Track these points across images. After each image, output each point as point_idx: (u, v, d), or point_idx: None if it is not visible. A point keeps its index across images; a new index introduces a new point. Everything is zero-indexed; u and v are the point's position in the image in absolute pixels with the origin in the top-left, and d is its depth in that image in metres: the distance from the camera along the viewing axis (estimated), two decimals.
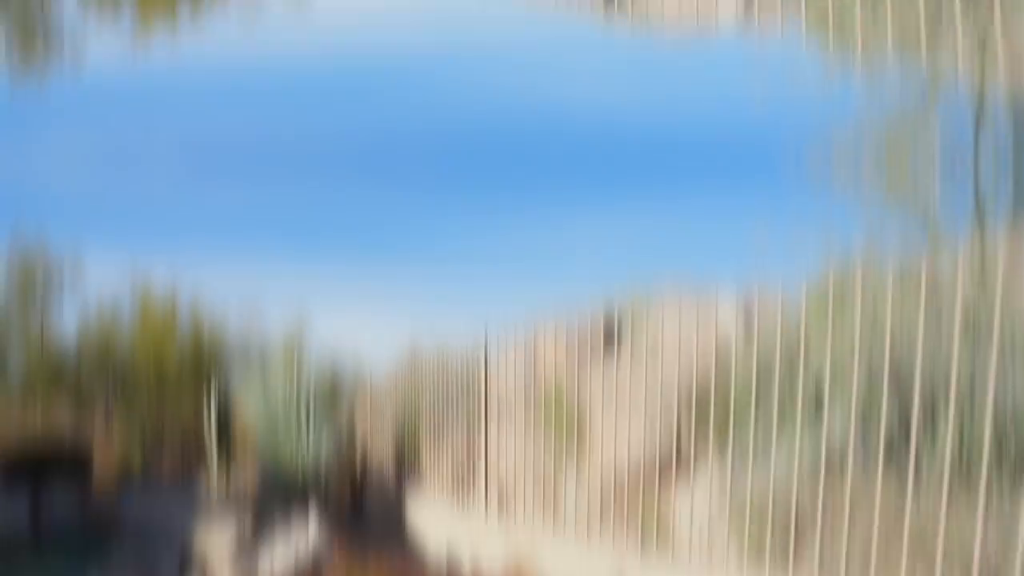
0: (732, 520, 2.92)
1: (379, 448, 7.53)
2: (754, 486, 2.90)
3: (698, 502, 3.19)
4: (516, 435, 4.99)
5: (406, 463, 6.53)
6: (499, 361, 5.54)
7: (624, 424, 4.15)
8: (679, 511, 3.27)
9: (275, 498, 5.19)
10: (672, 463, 3.33)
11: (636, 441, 4.11)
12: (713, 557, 2.91)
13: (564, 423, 4.33)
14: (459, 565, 4.61)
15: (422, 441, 6.03)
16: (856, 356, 2.45)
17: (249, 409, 5.54)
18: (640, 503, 3.49)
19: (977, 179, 4.15)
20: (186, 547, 3.62)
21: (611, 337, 5.76)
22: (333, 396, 5.93)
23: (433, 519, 5.37)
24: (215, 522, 4.07)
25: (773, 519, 2.67)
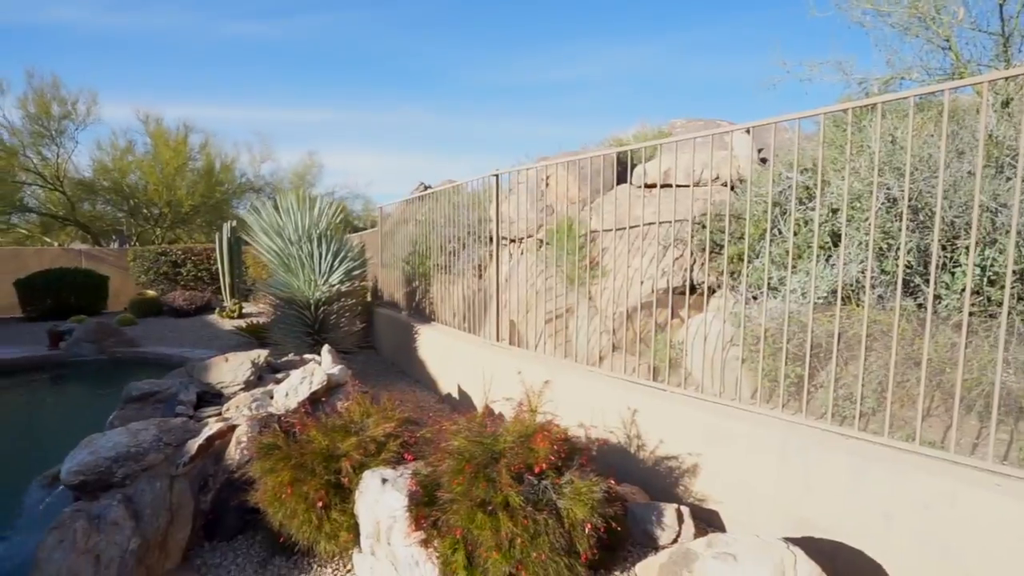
0: (745, 351, 3.16)
1: (389, 281, 7.69)
2: (768, 318, 3.09)
3: (711, 334, 3.43)
4: (528, 267, 5.11)
5: (416, 295, 6.70)
6: (511, 194, 5.45)
7: (636, 255, 4.23)
8: (691, 342, 3.53)
9: (289, 328, 5.36)
10: (685, 295, 3.49)
11: (648, 273, 4.25)
12: (725, 387, 3.22)
13: (576, 254, 4.43)
14: (467, 396, 4.99)
15: (433, 273, 6.13)
16: (874, 187, 2.40)
17: (263, 243, 5.43)
18: (652, 334, 3.75)
19: (1002, 4, 3.74)
20: (205, 373, 3.81)
21: (623, 169, 5.61)
22: (344, 230, 5.82)
23: (443, 349, 5.67)
24: (231, 350, 4.22)
25: (787, 351, 2.89)
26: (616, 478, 2.64)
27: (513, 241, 5.70)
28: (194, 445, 2.83)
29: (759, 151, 5.10)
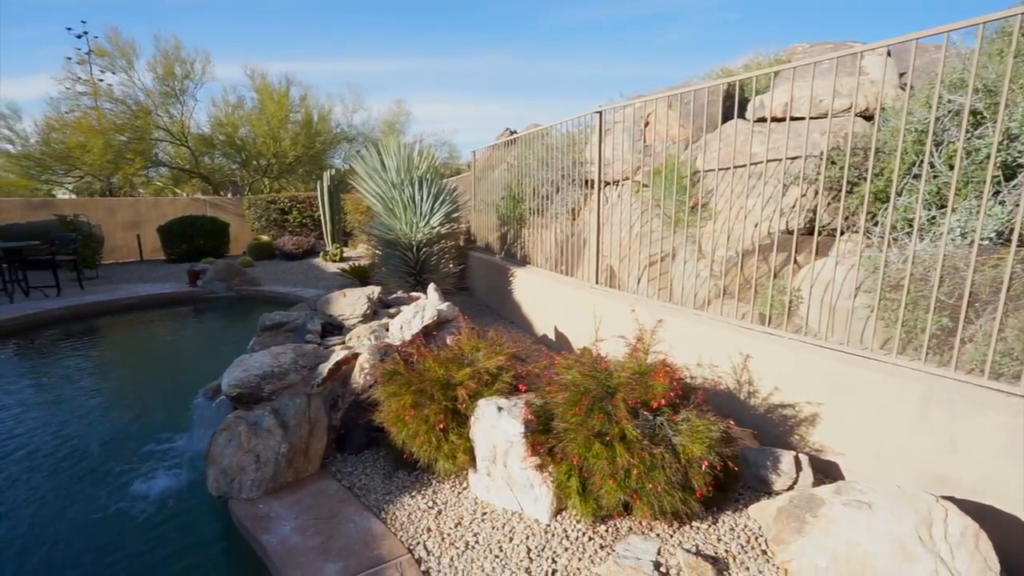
0: (878, 300, 2.88)
1: (482, 225, 7.82)
2: (912, 264, 2.77)
3: (833, 279, 3.15)
4: (626, 210, 4.95)
5: (509, 238, 6.77)
6: (607, 134, 5.25)
7: (749, 196, 3.93)
8: (810, 288, 3.28)
9: (392, 268, 5.63)
10: (801, 238, 3.19)
11: (764, 214, 3.95)
12: (850, 336, 2.99)
13: (680, 196, 4.21)
14: (563, 337, 5.01)
15: (526, 216, 6.14)
16: None
17: (368, 187, 5.70)
18: (767, 278, 3.52)
19: None
20: (327, 306, 4.11)
21: (734, 104, 5.16)
22: (442, 175, 5.95)
23: (538, 291, 5.71)
24: (337, 289, 4.51)
25: (934, 301, 2.59)
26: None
27: (609, 184, 5.52)
28: (325, 368, 3.13)
29: (900, 75, 4.45)
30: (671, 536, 2.30)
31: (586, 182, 5.52)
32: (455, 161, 21.26)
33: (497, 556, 2.26)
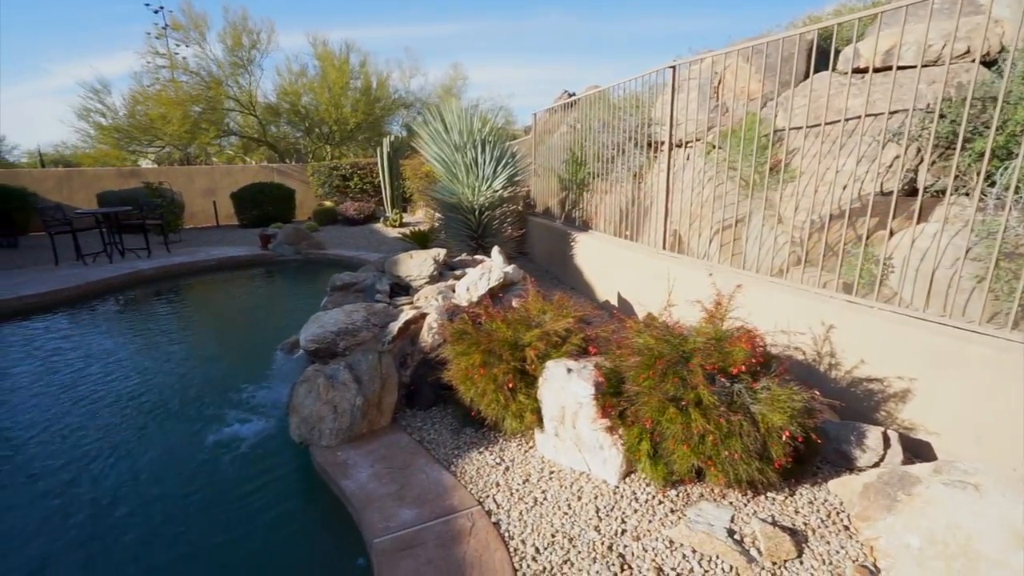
0: (993, 268, 2.59)
1: (542, 189, 7.70)
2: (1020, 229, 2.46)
3: (939, 246, 2.86)
4: (695, 173, 4.72)
5: (570, 203, 6.63)
6: (680, 93, 4.96)
7: (837, 156, 3.62)
8: (910, 254, 3.00)
9: (454, 232, 5.66)
10: (905, 199, 2.87)
11: (855, 173, 3.63)
12: (953, 308, 2.73)
13: (756, 157, 3.93)
14: (626, 303, 4.90)
15: (588, 180, 6.00)
16: None
17: (431, 151, 5.73)
18: (854, 244, 3.25)
19: None
20: (394, 267, 4.18)
21: (819, 56, 4.73)
22: (504, 137, 5.89)
23: (600, 256, 5.59)
24: (399, 253, 4.58)
25: None
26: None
27: (678, 145, 5.26)
28: (395, 327, 3.23)
29: None
30: (744, 505, 2.24)
31: (651, 144, 5.28)
32: (511, 126, 20.97)
33: (566, 513, 2.29)
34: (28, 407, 3.84)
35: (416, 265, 3.84)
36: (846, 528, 2.09)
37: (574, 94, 7.97)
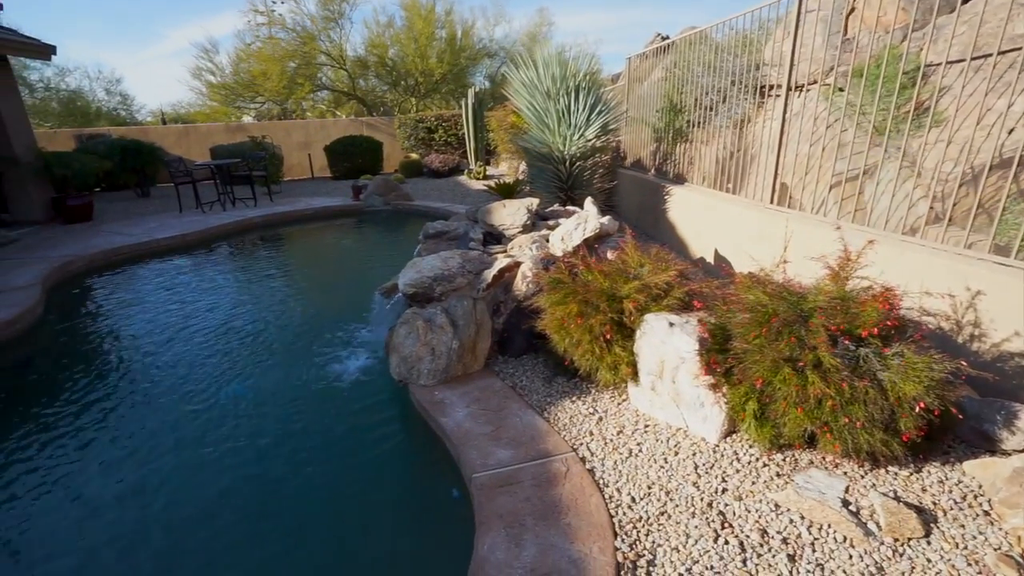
0: None
1: (634, 140, 7.34)
2: None
3: None
4: (811, 119, 4.25)
5: (664, 154, 6.28)
6: (797, 31, 4.41)
7: (1002, 94, 3.08)
8: None
9: (544, 183, 5.53)
10: None
11: (1012, 115, 3.07)
12: None
13: (900, 98, 3.42)
14: (723, 259, 4.58)
15: (685, 129, 5.63)
16: None
17: (522, 98, 5.61)
18: (1020, 198, 2.79)
19: None
20: (487, 216, 4.19)
21: None
22: (596, 85, 5.62)
23: (696, 210, 5.28)
24: (484, 205, 4.55)
25: None
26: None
27: (792, 89, 4.73)
28: (489, 275, 3.26)
29: None
30: (861, 477, 2.09)
31: (759, 90, 4.79)
32: (598, 75, 20.03)
33: (662, 467, 2.25)
34: (160, 329, 4.37)
35: (509, 214, 3.82)
36: (986, 514, 1.88)
37: (668, 37, 7.38)
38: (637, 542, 1.90)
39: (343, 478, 2.62)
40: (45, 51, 8.69)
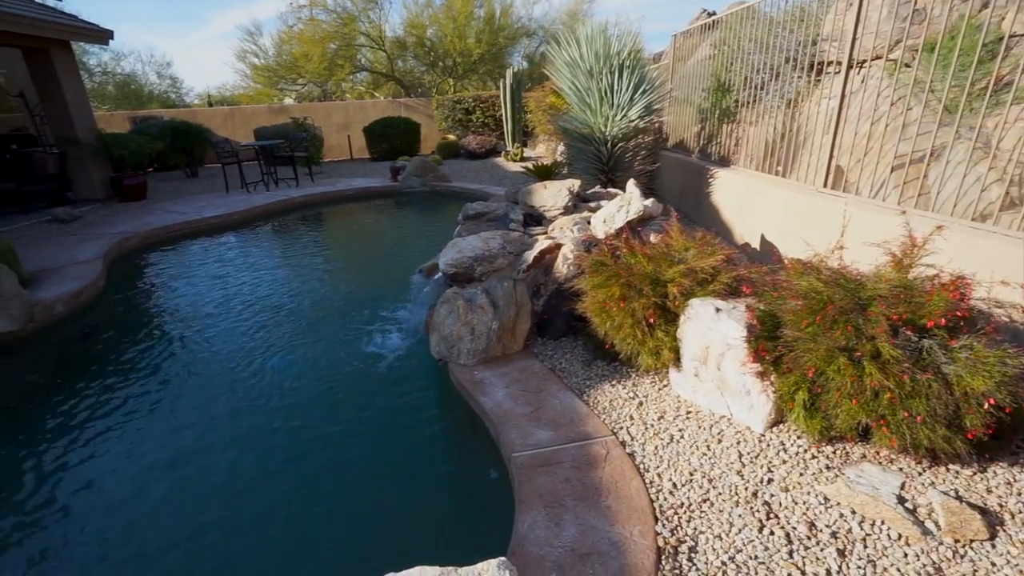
0: None
1: (677, 121, 7.10)
2: None
3: None
4: (880, 94, 4.01)
5: (709, 135, 6.08)
6: (849, 7, 4.13)
7: None
8: None
9: (585, 165, 5.43)
10: None
11: None
12: None
13: (970, 75, 3.16)
14: (770, 245, 4.40)
15: (733, 109, 5.42)
16: None
17: (564, 78, 5.51)
18: None
19: None
20: (528, 197, 4.14)
21: None
22: (636, 67, 5.47)
23: (742, 194, 5.09)
24: (528, 184, 4.48)
25: None
26: None
27: (852, 66, 4.46)
28: (530, 256, 3.24)
29: None
30: (918, 475, 2.00)
31: (815, 67, 4.54)
32: (641, 51, 19.44)
33: (705, 454, 2.22)
34: (211, 303, 4.55)
35: (550, 195, 3.77)
36: None
37: (714, 13, 7.06)
38: (678, 528, 1.88)
39: (382, 450, 2.69)
40: (103, 36, 9.05)
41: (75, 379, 3.49)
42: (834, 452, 2.14)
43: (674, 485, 2.07)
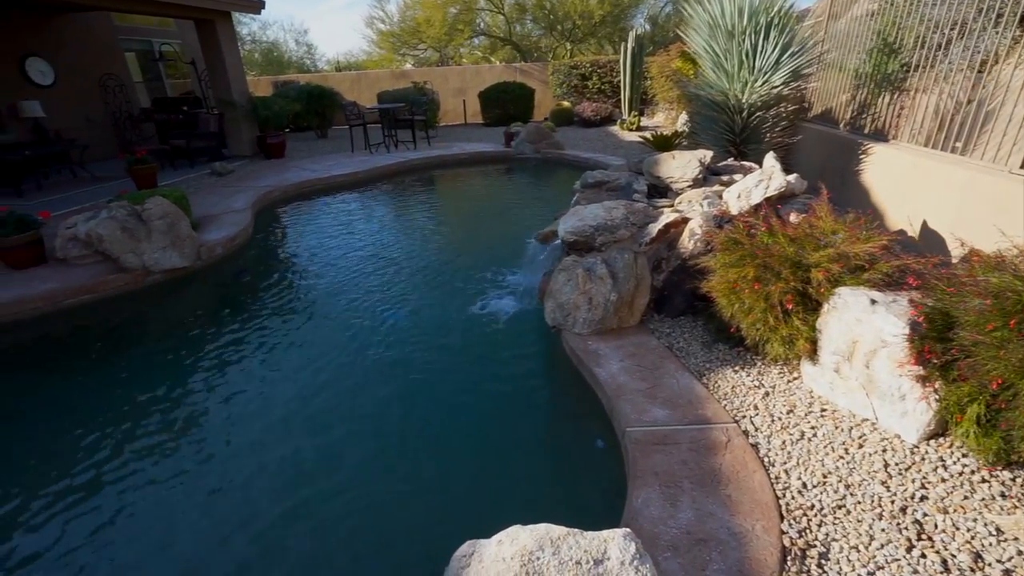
0: None
1: (821, 89, 6.34)
2: None
3: None
4: None
5: (862, 105, 5.36)
6: None
7: None
8: None
9: (715, 135, 5.02)
10: None
11: None
12: None
13: None
14: (934, 235, 3.81)
15: (897, 75, 4.72)
16: None
17: (698, 37, 5.14)
18: None
19: None
20: (654, 167, 3.93)
21: None
22: (787, 26, 4.93)
23: (902, 173, 4.45)
24: (636, 157, 4.24)
25: None
26: None
27: None
28: (654, 229, 3.11)
29: None
30: None
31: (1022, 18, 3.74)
32: (792, 9, 17.52)
33: (841, 457, 2.03)
34: (337, 253, 4.95)
35: (679, 166, 3.56)
36: None
37: None
38: (807, 531, 1.75)
39: (492, 409, 2.79)
40: (256, 7, 9.94)
41: (238, 310, 4.01)
42: (1013, 479, 1.85)
43: (804, 485, 1.93)
